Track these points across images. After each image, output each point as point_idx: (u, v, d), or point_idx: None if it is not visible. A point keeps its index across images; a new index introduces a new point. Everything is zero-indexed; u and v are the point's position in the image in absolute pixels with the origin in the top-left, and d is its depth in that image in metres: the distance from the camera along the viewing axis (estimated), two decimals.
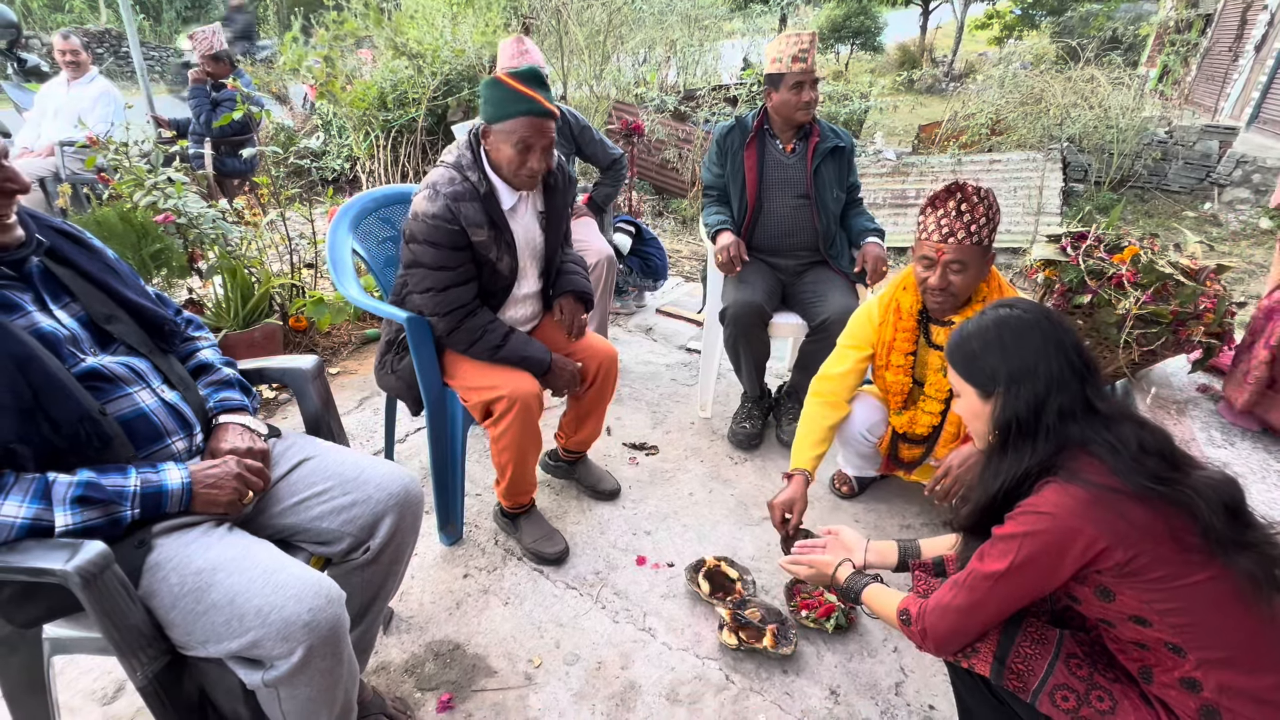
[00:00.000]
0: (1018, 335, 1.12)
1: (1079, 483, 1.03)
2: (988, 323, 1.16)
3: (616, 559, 2.01)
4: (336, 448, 1.39)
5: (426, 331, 1.78)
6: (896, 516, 2.24)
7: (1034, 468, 1.08)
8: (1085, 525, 1.01)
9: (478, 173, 1.73)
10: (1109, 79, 8.07)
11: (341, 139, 5.53)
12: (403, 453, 2.43)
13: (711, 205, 2.62)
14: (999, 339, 1.13)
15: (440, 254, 1.70)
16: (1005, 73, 8.40)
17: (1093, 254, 2.54)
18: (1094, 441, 1.06)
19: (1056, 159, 7.24)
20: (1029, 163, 7.19)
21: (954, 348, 1.19)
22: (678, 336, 3.45)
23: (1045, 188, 7.24)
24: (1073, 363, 1.09)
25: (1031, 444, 1.08)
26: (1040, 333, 1.11)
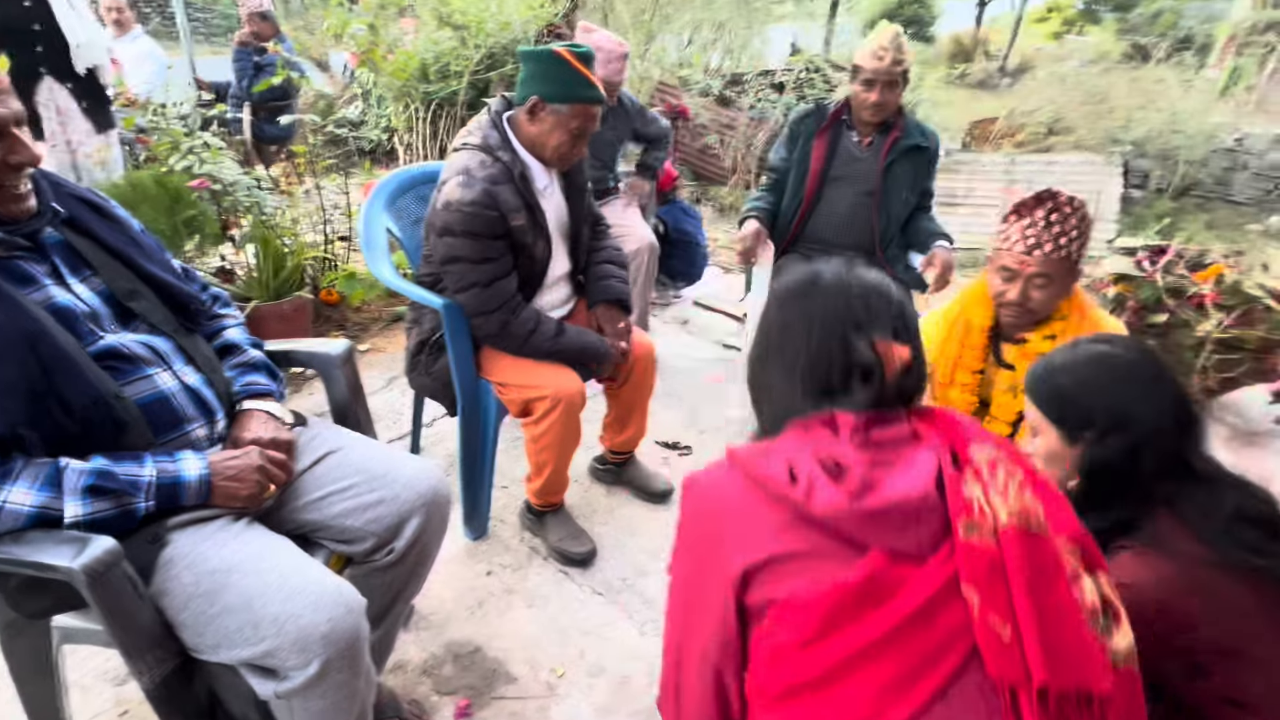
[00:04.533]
0: (1118, 377, 1.00)
1: (1161, 551, 0.92)
2: (1083, 358, 1.03)
3: (645, 564, 1.92)
4: (364, 440, 1.32)
5: (463, 321, 1.69)
6: None
7: (1117, 525, 0.97)
8: (1172, 603, 0.90)
9: (509, 153, 1.63)
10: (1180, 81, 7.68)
11: (380, 109, 5.46)
12: (428, 438, 2.36)
13: (762, 190, 2.50)
14: (1096, 379, 1.01)
15: (481, 245, 1.60)
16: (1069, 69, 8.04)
17: (1172, 270, 2.37)
18: (1184, 502, 0.95)
19: (1117, 163, 6.93)
20: (1087, 165, 6.89)
21: (1038, 380, 1.07)
22: (714, 331, 3.33)
23: (1103, 193, 6.93)
24: (1176, 414, 0.97)
25: (1120, 499, 0.97)
26: (1144, 377, 0.99)
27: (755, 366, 0.91)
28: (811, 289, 0.86)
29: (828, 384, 0.82)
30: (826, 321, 0.83)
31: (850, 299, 0.84)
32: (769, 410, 0.90)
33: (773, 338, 0.88)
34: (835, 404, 0.81)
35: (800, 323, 0.85)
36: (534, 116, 1.62)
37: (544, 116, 1.61)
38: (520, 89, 1.64)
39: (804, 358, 0.83)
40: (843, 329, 0.82)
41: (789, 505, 0.75)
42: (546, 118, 1.61)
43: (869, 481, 0.74)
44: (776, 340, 0.87)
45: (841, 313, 0.83)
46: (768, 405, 0.90)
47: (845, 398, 0.81)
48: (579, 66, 1.58)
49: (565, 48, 1.58)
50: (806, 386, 0.83)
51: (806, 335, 0.84)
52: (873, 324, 0.82)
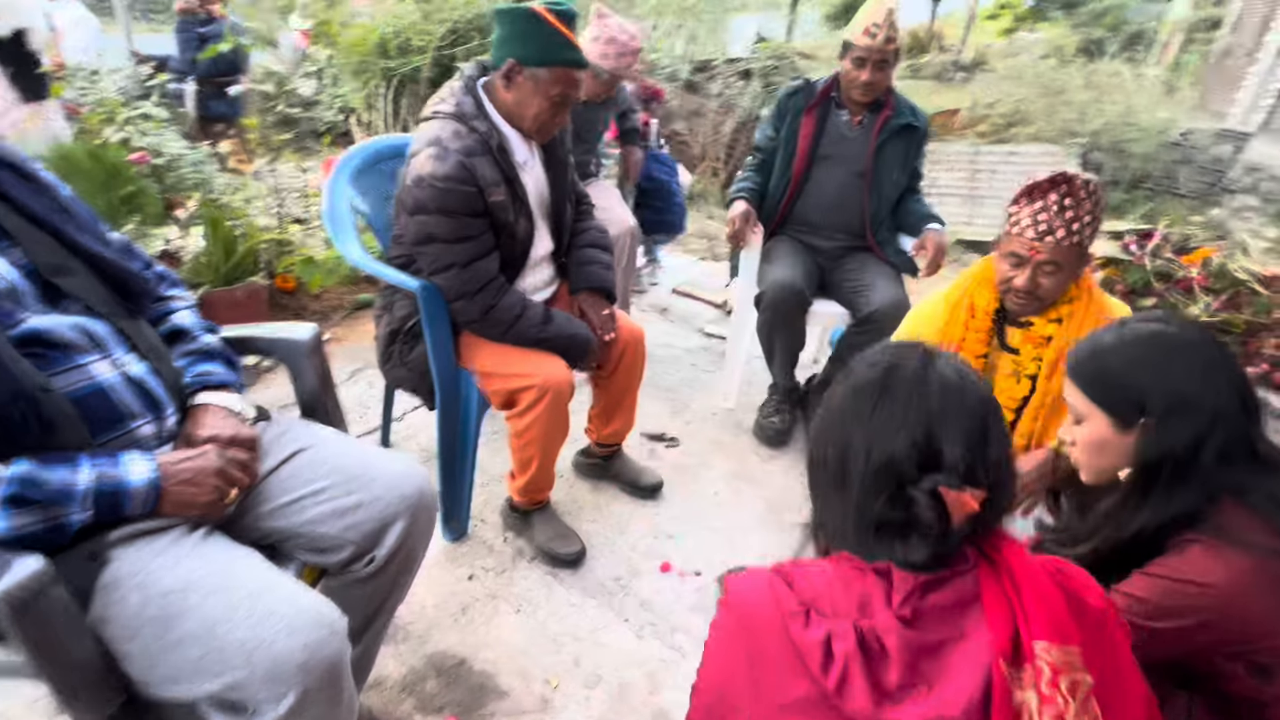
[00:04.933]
0: (1175, 356, 0.93)
1: (1236, 545, 0.85)
2: (1135, 338, 0.96)
3: (638, 564, 1.81)
4: (338, 436, 1.17)
5: (442, 305, 1.55)
6: None
7: (1179, 516, 0.90)
8: (1252, 602, 0.84)
9: (485, 122, 1.49)
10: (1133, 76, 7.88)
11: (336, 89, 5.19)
12: (399, 432, 2.21)
13: (748, 170, 2.41)
14: (1150, 359, 0.93)
15: (458, 223, 1.46)
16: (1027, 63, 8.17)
17: (1160, 254, 2.35)
18: (1253, 491, 0.88)
19: (1076, 154, 7.07)
20: (1047, 156, 7.01)
21: (1084, 363, 0.99)
22: (696, 319, 3.23)
23: None
24: (1241, 396, 0.91)
25: (1182, 488, 0.90)
26: (1204, 356, 0.92)
27: (814, 468, 0.80)
28: (876, 408, 0.72)
29: (882, 526, 0.71)
30: (885, 460, 0.70)
31: (917, 428, 0.70)
32: (825, 517, 0.81)
33: (831, 450, 0.76)
34: (891, 550, 0.71)
35: (859, 448, 0.72)
36: (510, 82, 1.49)
37: (521, 82, 1.47)
38: (495, 51, 1.50)
39: (858, 492, 0.72)
40: (900, 473, 0.70)
41: (818, 686, 0.67)
42: (524, 83, 1.47)
43: (907, 681, 0.65)
44: (834, 455, 0.75)
45: (904, 452, 0.69)
46: (823, 511, 0.81)
47: (901, 545, 0.70)
48: (559, 26, 1.45)
49: (544, 5, 1.45)
50: (860, 521, 0.73)
51: (863, 466, 0.71)
52: (941, 462, 0.69)
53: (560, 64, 1.44)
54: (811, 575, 0.73)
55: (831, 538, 0.80)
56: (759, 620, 0.72)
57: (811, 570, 0.74)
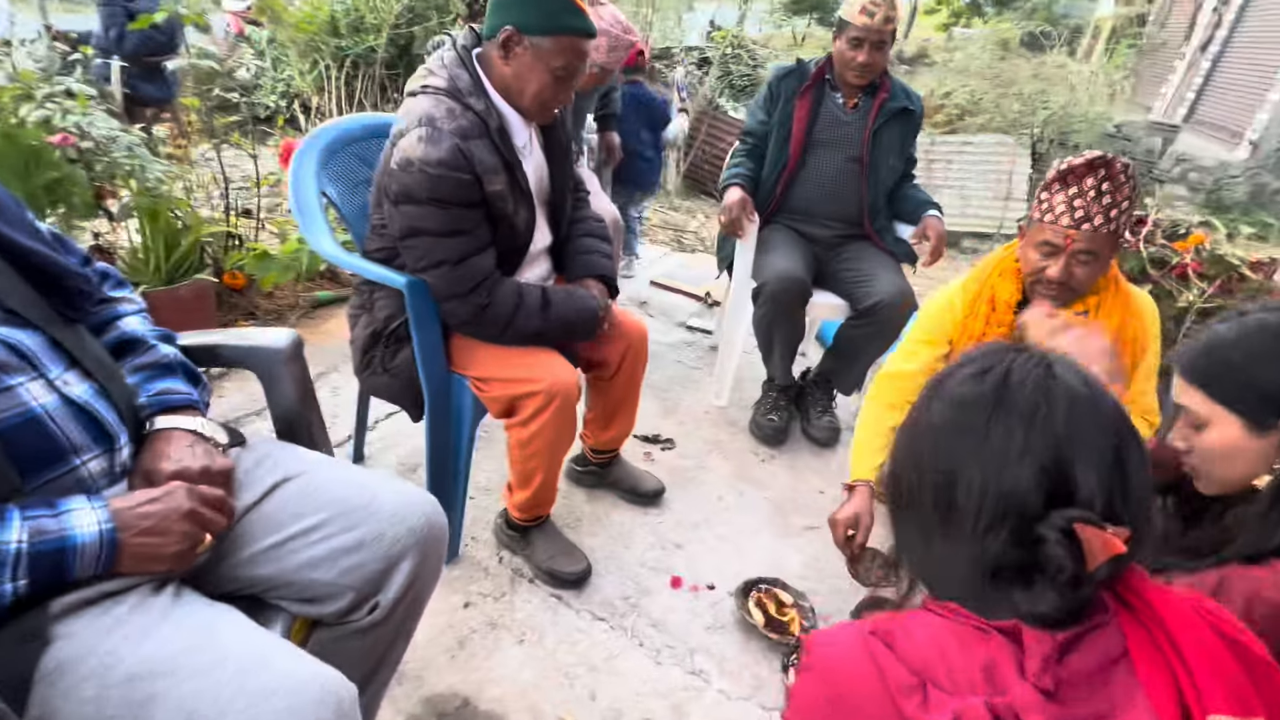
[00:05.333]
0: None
1: None
2: (1259, 328, 0.87)
3: (647, 580, 1.68)
4: (328, 462, 1.00)
5: (431, 303, 1.37)
6: None
7: None
8: None
9: (483, 100, 1.32)
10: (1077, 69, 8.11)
11: (278, 72, 4.85)
12: (373, 443, 2.01)
13: (739, 156, 2.29)
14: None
15: (450, 215, 1.29)
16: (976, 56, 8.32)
17: (1153, 240, 2.33)
18: None
19: (1027, 144, 7.22)
20: (1001, 146, 7.14)
21: (1200, 362, 0.90)
22: (677, 312, 3.11)
23: (1014, 173, 7.21)
24: None
25: None
26: None
27: (901, 499, 0.67)
28: (991, 428, 0.59)
29: (999, 570, 0.59)
30: (1006, 492, 0.57)
31: (1044, 453, 0.57)
32: (917, 555, 0.68)
33: (928, 478, 0.63)
34: (1010, 599, 0.58)
35: (970, 478, 0.59)
36: (508, 52, 1.32)
37: (521, 53, 1.31)
38: (491, 18, 1.33)
39: (970, 530, 0.59)
40: (1025, 507, 0.57)
41: None
42: (523, 54, 1.31)
43: None
44: (934, 484, 0.62)
45: (1029, 482, 0.57)
46: (914, 549, 0.68)
47: (1024, 594, 0.58)
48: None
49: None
50: (971, 565, 0.60)
51: (977, 499, 0.58)
52: (1075, 494, 0.57)
53: (566, 32, 1.28)
54: (917, 636, 0.60)
55: (930, 581, 0.68)
56: (859, 696, 0.59)
57: (915, 629, 0.61)
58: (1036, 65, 7.97)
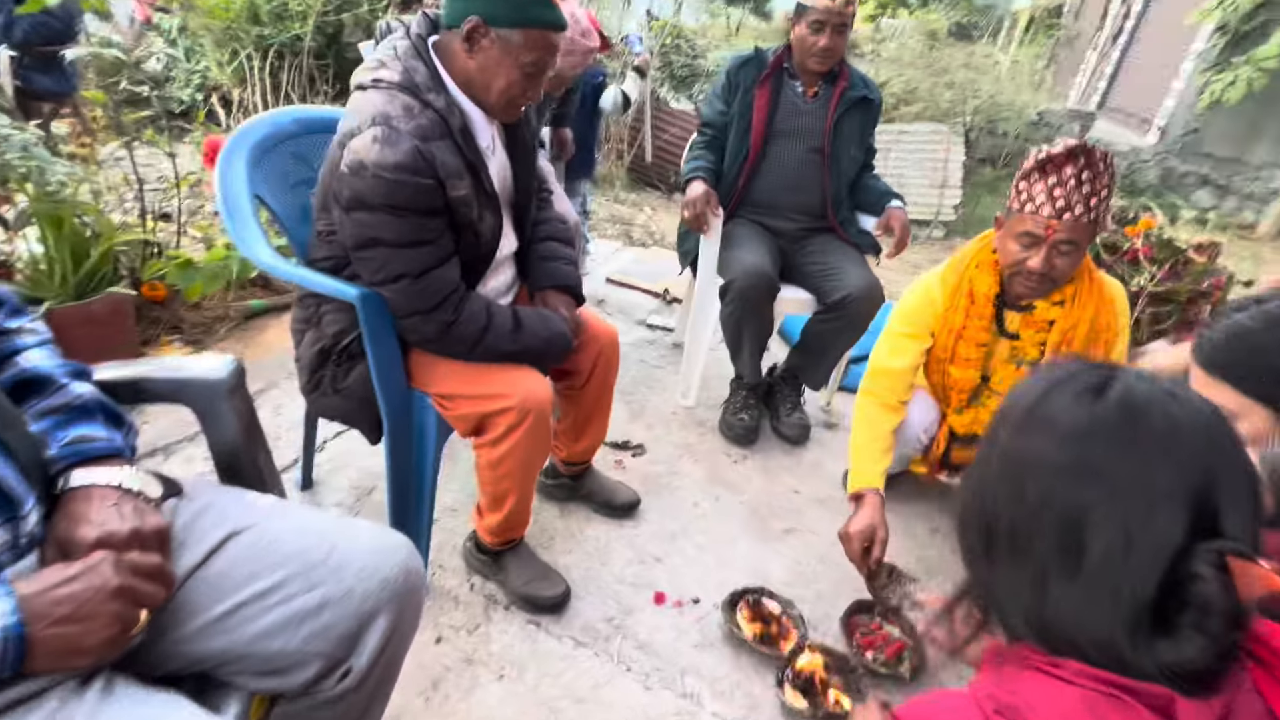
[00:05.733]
0: None
1: None
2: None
3: (629, 598, 1.59)
4: (280, 506, 0.87)
5: (388, 316, 1.25)
6: (922, 519, 1.99)
7: None
8: None
9: (444, 96, 1.20)
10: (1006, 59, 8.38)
11: (192, 63, 4.50)
12: (322, 465, 1.86)
13: (698, 149, 2.21)
14: None
15: (410, 224, 1.17)
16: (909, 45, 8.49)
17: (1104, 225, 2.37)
18: None
19: (960, 132, 7.42)
20: (936, 135, 7.31)
21: (1225, 354, 0.87)
22: (635, 310, 3.02)
23: (949, 161, 7.40)
24: None
25: None
26: None
27: (997, 543, 0.59)
28: (1126, 460, 0.52)
29: (1137, 617, 0.52)
30: (1159, 531, 0.51)
31: (1192, 479, 0.51)
32: (1023, 613, 0.59)
33: (1042, 519, 0.55)
34: (1152, 652, 0.51)
35: (1109, 518, 0.52)
36: (473, 45, 1.20)
37: (486, 46, 1.19)
38: (453, 6, 1.20)
39: (1112, 577, 0.52)
40: (1173, 541, 0.51)
41: None
42: (490, 47, 1.19)
43: None
44: (1053, 528, 0.55)
45: (1178, 519, 0.51)
46: (1020, 605, 0.59)
47: (1169, 645, 0.51)
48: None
49: None
50: (1111, 616, 0.52)
51: (1121, 542, 0.51)
52: (1220, 526, 0.51)
53: (536, 25, 1.17)
54: (1043, 711, 0.53)
55: (1039, 635, 0.58)
56: None
57: (1038, 702, 0.54)
58: (966, 55, 8.20)
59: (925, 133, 7.31)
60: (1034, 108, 9.33)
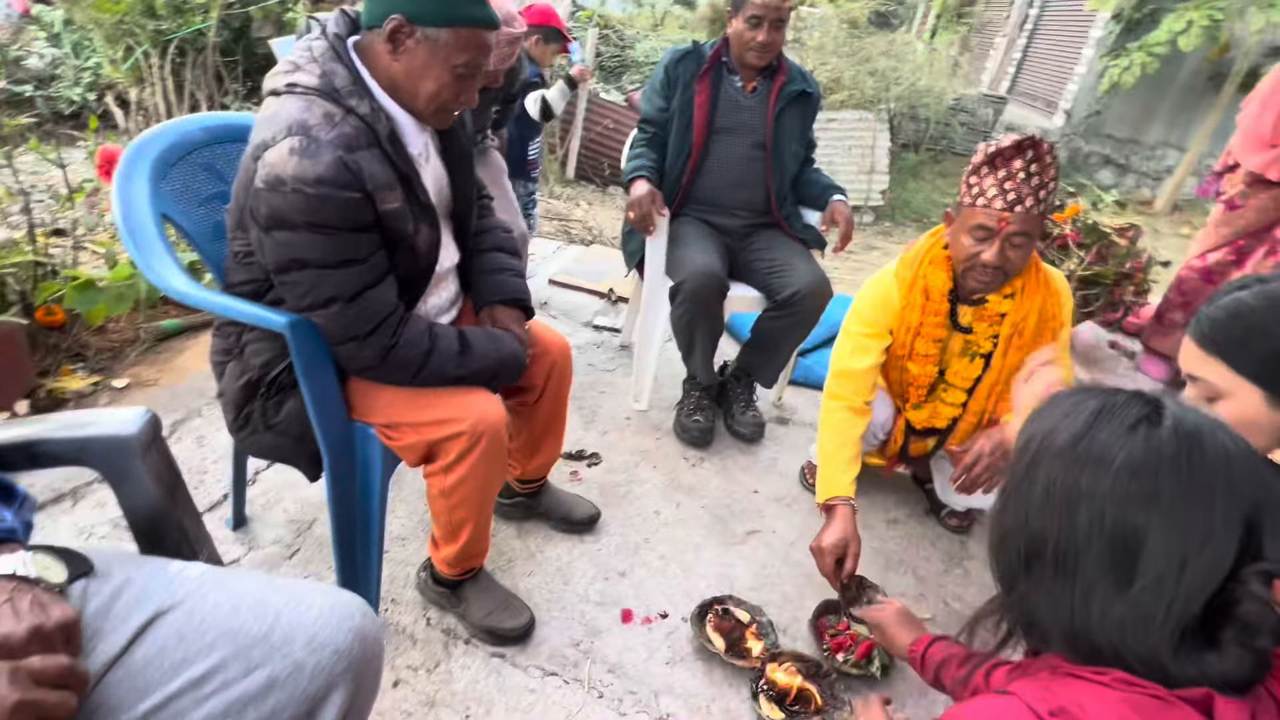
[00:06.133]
0: None
1: None
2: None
3: (595, 618, 1.54)
4: (212, 576, 0.78)
5: (321, 344, 1.14)
6: (879, 510, 2.01)
7: None
8: None
9: (368, 101, 1.11)
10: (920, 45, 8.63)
11: (81, 59, 4.13)
12: (255, 502, 1.72)
13: (639, 146, 2.16)
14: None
15: (338, 242, 1.07)
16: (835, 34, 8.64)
17: None
18: None
19: (884, 118, 7.61)
20: (861, 122, 7.47)
21: (1222, 332, 0.87)
22: (580, 311, 2.95)
23: (876, 147, 7.58)
24: None
25: None
26: None
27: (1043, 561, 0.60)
28: (1183, 493, 0.54)
29: (1185, 634, 0.54)
30: (1213, 557, 0.53)
31: (1243, 510, 0.53)
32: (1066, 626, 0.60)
33: (1094, 544, 0.57)
34: (1200, 665, 0.53)
35: (1165, 545, 0.54)
36: (397, 46, 1.10)
37: (413, 47, 1.10)
38: (372, 3, 1.11)
39: (1164, 595, 0.54)
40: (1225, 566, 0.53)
41: None
42: (416, 48, 1.10)
43: None
44: (1103, 551, 0.56)
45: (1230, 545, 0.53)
46: (1062, 618, 0.60)
47: (1215, 658, 0.53)
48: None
49: None
50: (1158, 630, 0.54)
51: (1176, 565, 0.53)
52: (1262, 546, 0.54)
53: (466, 23, 1.09)
54: (1092, 713, 0.54)
55: (1082, 649, 0.60)
56: None
57: (1088, 704, 0.54)
58: (887, 43, 8.39)
59: (852, 120, 7.46)
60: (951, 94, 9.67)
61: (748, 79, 2.14)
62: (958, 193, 1.50)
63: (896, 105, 8.24)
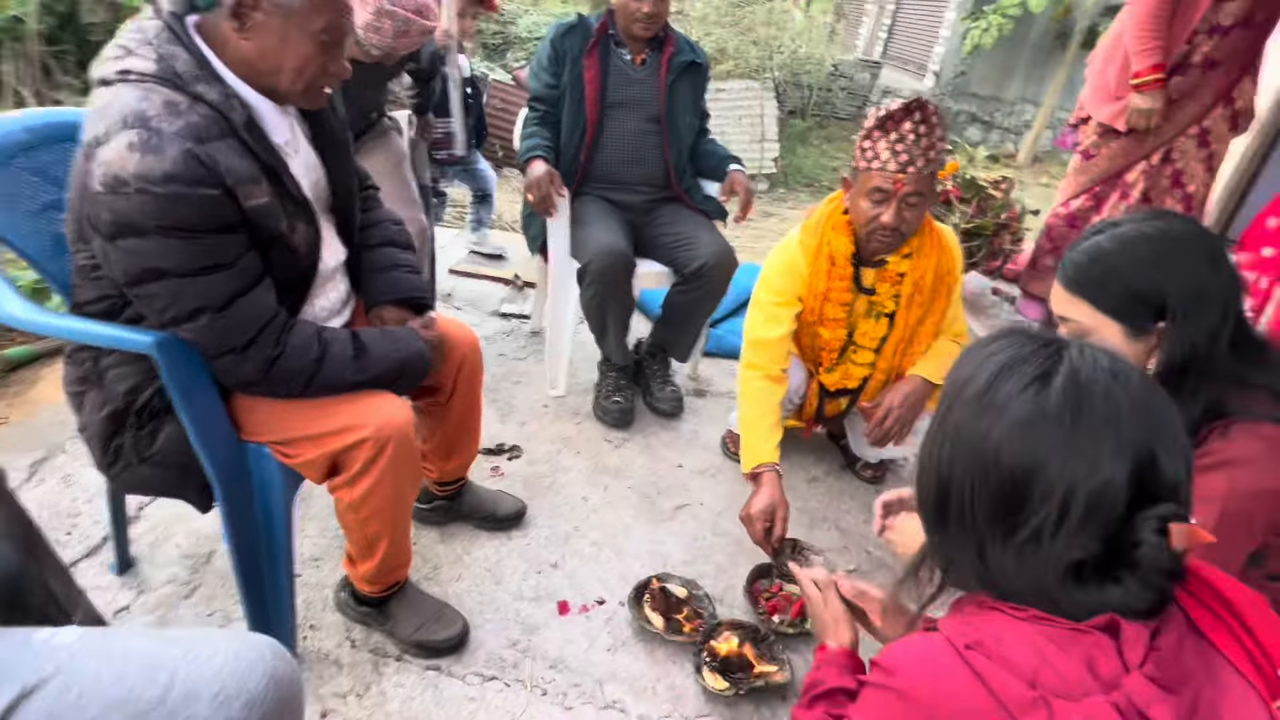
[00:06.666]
0: (1187, 250, 0.89)
1: (1270, 420, 0.85)
2: (1139, 237, 0.91)
3: (531, 615, 1.50)
4: (93, 639, 0.68)
5: (195, 361, 1.03)
6: (800, 471, 2.07)
7: (1202, 415, 0.88)
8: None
9: (216, 86, 0.99)
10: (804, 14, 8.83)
11: None
12: (142, 540, 1.56)
13: (532, 126, 2.09)
14: (1166, 256, 0.89)
15: (198, 246, 0.96)
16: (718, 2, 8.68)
17: None
18: (1257, 372, 0.89)
19: (771, 86, 7.76)
20: (749, 91, 7.59)
21: (1084, 273, 0.93)
22: (486, 300, 2.85)
23: (764, 115, 7.74)
24: (1238, 282, 0.91)
25: (1206, 383, 0.88)
26: (1207, 245, 0.90)
27: (946, 502, 0.63)
28: (1075, 425, 0.56)
29: (1080, 569, 0.57)
30: (1098, 491, 0.55)
31: (1140, 448, 0.55)
32: (974, 569, 0.63)
33: (987, 480, 0.59)
34: (1102, 597, 0.57)
35: (1054, 479, 0.56)
36: (244, 23, 0.99)
37: (261, 20, 0.99)
38: None
39: (1052, 532, 0.56)
40: (1115, 506, 0.55)
41: None
42: (266, 21, 0.99)
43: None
44: (999, 487, 0.58)
45: (1122, 480, 0.55)
46: (966, 553, 0.63)
47: (1117, 591, 0.56)
48: None
49: None
50: (1053, 566, 0.57)
51: (1062, 501, 0.56)
52: (1160, 488, 0.56)
53: None
54: (1010, 643, 0.56)
55: (994, 589, 0.63)
56: (968, 717, 0.55)
57: (1004, 636, 0.57)
58: (767, 11, 8.52)
59: (740, 89, 7.57)
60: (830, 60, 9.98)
61: (636, 51, 2.10)
62: (847, 158, 1.54)
63: (781, 73, 8.42)
